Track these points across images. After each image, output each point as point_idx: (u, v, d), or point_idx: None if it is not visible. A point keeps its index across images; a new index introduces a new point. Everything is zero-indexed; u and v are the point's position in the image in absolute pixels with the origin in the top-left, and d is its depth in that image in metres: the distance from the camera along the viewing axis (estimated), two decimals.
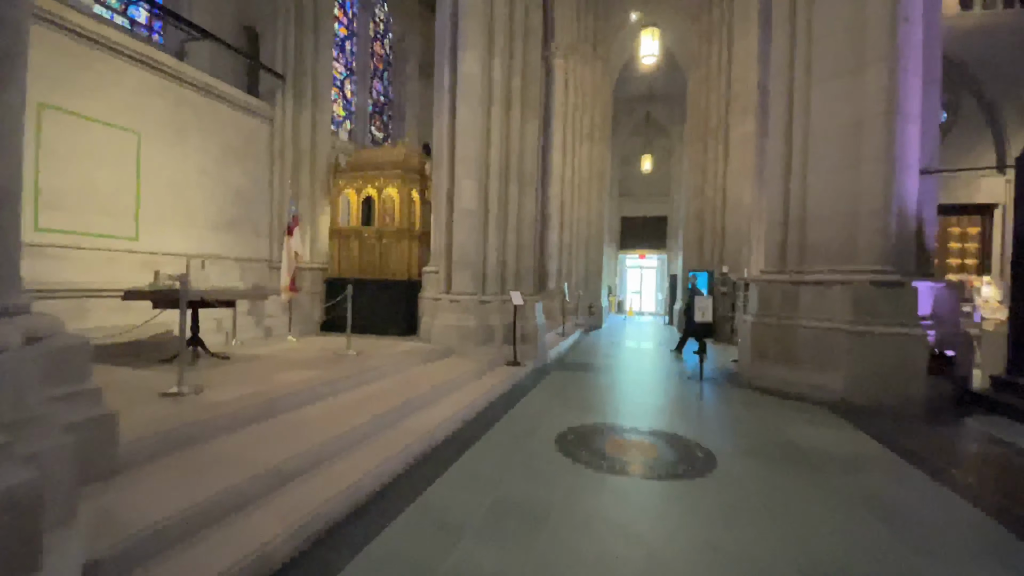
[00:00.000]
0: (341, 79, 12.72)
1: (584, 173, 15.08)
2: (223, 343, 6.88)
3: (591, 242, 15.20)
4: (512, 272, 7.94)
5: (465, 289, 7.45)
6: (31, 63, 5.63)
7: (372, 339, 7.92)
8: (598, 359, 9.07)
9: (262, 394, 4.04)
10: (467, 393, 5.43)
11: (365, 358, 6.06)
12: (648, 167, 21.02)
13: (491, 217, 7.69)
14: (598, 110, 15.35)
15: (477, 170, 7.50)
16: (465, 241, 7.47)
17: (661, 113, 23.98)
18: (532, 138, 8.12)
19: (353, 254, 8.85)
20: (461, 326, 7.29)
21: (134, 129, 6.66)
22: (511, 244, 7.92)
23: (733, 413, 5.43)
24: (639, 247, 24.04)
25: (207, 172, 7.75)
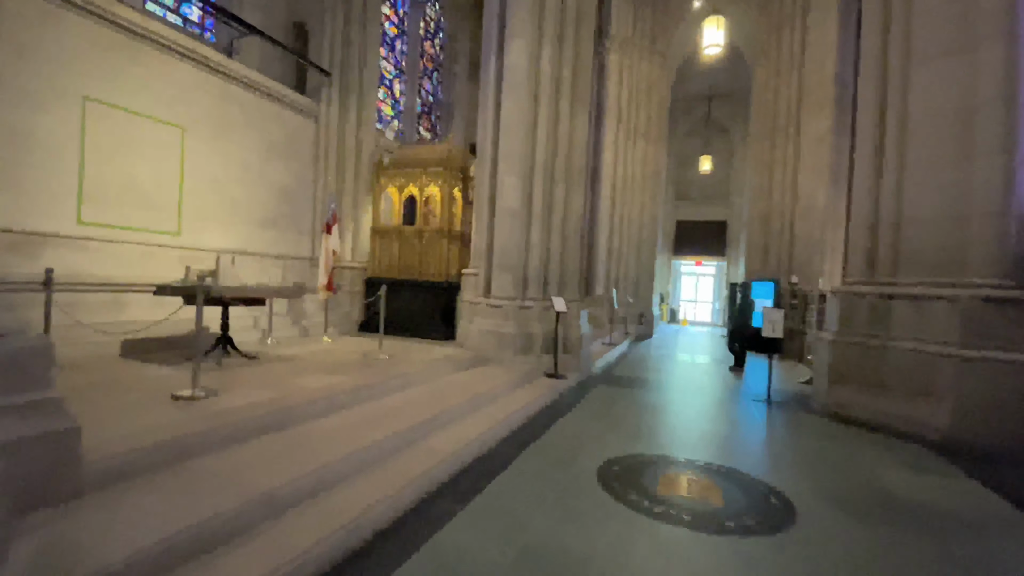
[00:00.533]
0: (390, 78, 12.63)
1: (637, 173, 14.29)
2: (257, 342, 6.74)
3: (643, 246, 14.38)
4: (556, 276, 7.39)
5: (505, 293, 6.97)
6: (76, 56, 5.70)
7: (408, 342, 7.60)
8: (648, 373, 8.34)
9: (276, 402, 3.72)
10: (501, 407, 4.93)
11: (395, 363, 5.70)
12: (707, 169, 19.84)
13: (535, 217, 7.17)
14: (654, 107, 14.53)
15: (521, 167, 7.01)
16: (506, 242, 7.00)
17: (722, 112, 22.69)
18: (581, 133, 7.55)
19: (393, 254, 8.59)
20: (499, 332, 6.82)
21: (179, 124, 6.65)
22: (555, 246, 7.37)
23: (810, 447, 4.63)
24: (695, 253, 22.78)
25: (250, 168, 7.69)
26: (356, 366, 5.41)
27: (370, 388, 4.51)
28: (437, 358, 6.23)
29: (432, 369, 5.60)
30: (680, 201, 23.56)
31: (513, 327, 6.83)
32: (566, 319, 7.19)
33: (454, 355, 6.54)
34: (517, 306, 6.97)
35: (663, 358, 10.42)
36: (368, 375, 4.92)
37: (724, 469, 3.86)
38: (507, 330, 6.81)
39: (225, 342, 5.37)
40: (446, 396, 4.74)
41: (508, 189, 7.00)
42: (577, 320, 7.32)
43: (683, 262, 23.44)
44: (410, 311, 8.32)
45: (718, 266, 23.06)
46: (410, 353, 6.56)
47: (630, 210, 14.18)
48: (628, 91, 14.04)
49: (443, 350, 6.96)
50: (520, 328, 6.94)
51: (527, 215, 7.17)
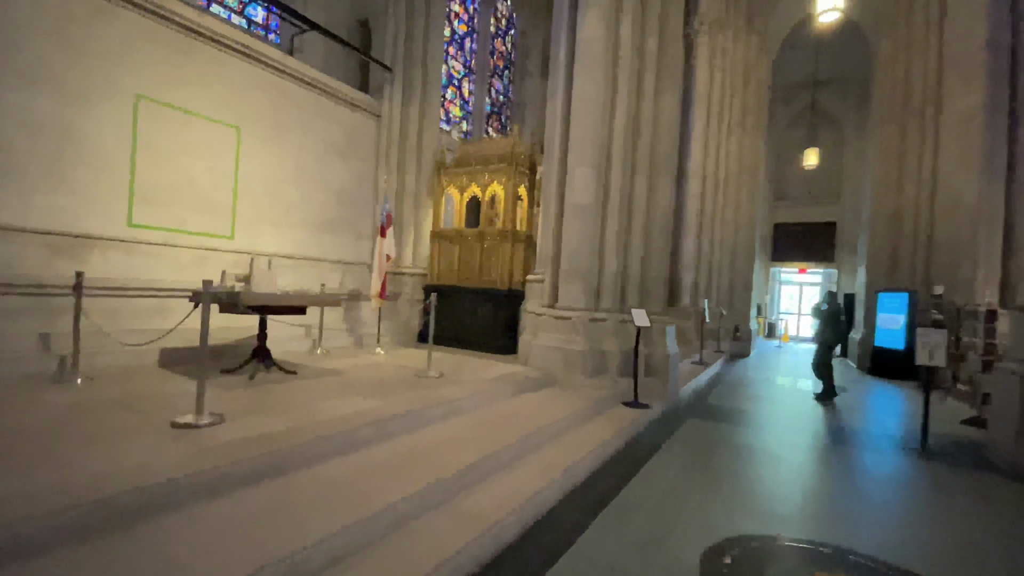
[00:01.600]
0: (459, 78, 12.13)
1: (732, 168, 12.62)
2: (306, 353, 6.27)
3: (739, 251, 12.63)
4: (635, 284, 6.25)
5: (574, 303, 5.95)
6: (129, 53, 5.53)
7: (464, 356, 6.80)
8: (749, 403, 6.89)
9: (284, 437, 3.01)
10: (564, 449, 3.92)
11: (444, 383, 4.89)
12: (812, 163, 17.40)
13: (610, 214, 6.10)
14: (751, 93, 12.81)
15: (595, 155, 5.98)
16: (575, 243, 5.99)
17: (829, 99, 20.02)
18: (669, 114, 6.37)
19: (453, 259, 7.89)
20: (566, 349, 5.80)
21: (233, 123, 6.39)
22: (635, 249, 6.24)
23: (1010, 531, 3.14)
24: (798, 259, 20.16)
25: (306, 170, 7.34)
26: (399, 386, 4.66)
27: (406, 417, 3.70)
28: (493, 378, 5.34)
29: (485, 392, 4.71)
30: (779, 201, 21.05)
31: (583, 343, 5.78)
32: (648, 336, 6.02)
33: (513, 374, 5.62)
34: (588, 318, 5.92)
35: (764, 383, 8.79)
36: (409, 399, 4.13)
37: (896, 569, 2.56)
38: (576, 347, 5.77)
39: (262, 354, 4.86)
40: (497, 430, 3.82)
41: (579, 181, 6.00)
42: (662, 338, 6.11)
43: (783, 269, 20.85)
44: (470, 321, 7.55)
45: (825, 273, 20.24)
46: (464, 370, 5.74)
47: (723, 210, 12.53)
48: (721, 76, 12.45)
49: (502, 367, 6.07)
50: (592, 345, 5.88)
51: (601, 211, 6.11)
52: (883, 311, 10.85)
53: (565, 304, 6.01)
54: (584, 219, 6.00)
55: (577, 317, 5.88)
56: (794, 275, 20.80)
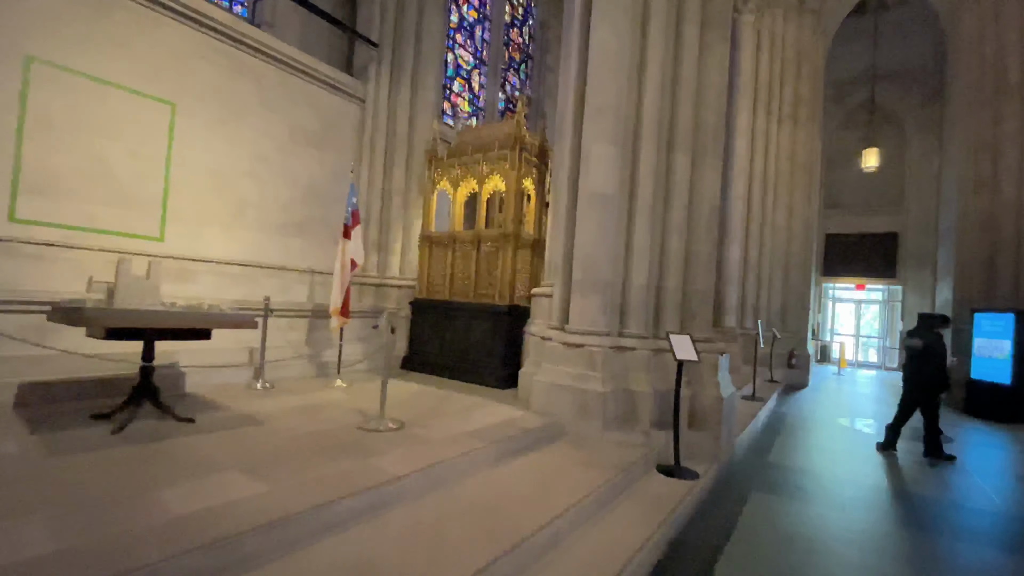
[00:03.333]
0: (468, 69, 10.86)
1: (783, 166, 10.85)
2: (243, 386, 4.89)
3: (792, 263, 10.78)
4: (674, 301, 4.65)
5: (590, 325, 4.39)
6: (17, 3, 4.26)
7: (451, 391, 5.30)
8: (830, 462, 5.12)
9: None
10: (569, 564, 2.35)
11: (400, 441, 3.40)
12: (872, 165, 15.34)
13: (640, 206, 4.56)
14: (805, 81, 11.07)
15: (618, 128, 4.47)
16: (593, 246, 4.45)
17: (888, 96, 17.89)
18: (717, 76, 4.81)
19: (445, 267, 6.45)
20: (580, 389, 4.23)
21: (168, 99, 5.17)
22: (674, 253, 4.65)
23: None
24: (854, 274, 17.89)
25: (269, 160, 6.09)
26: (326, 447, 3.20)
27: (290, 524, 2.21)
28: (475, 430, 3.81)
29: (459, 456, 3.18)
30: (831, 210, 18.87)
31: (603, 382, 4.19)
32: (695, 372, 4.40)
33: (507, 423, 4.08)
34: (609, 346, 4.35)
35: (836, 427, 6.92)
36: (323, 476, 2.66)
37: None
38: (592, 385, 4.19)
39: (146, 394, 3.49)
40: (450, 547, 2.29)
41: (597, 163, 4.48)
42: (714, 374, 4.46)
43: (837, 285, 18.59)
44: (462, 345, 6.07)
45: (887, 290, 17.90)
46: (439, 416, 4.23)
47: (773, 214, 10.73)
48: (769, 62, 10.78)
49: (494, 410, 4.54)
50: (615, 383, 4.29)
51: (627, 203, 4.57)
52: (981, 335, 8.82)
53: (578, 326, 4.45)
54: (604, 213, 4.46)
55: (595, 344, 4.31)
56: (850, 291, 18.51)
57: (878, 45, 17.54)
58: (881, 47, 17.65)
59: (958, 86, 10.70)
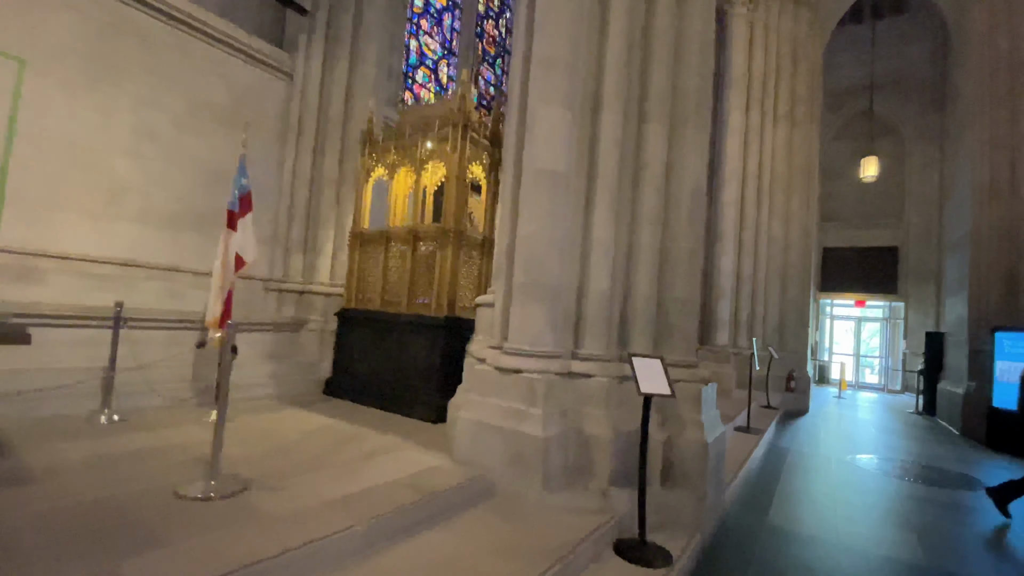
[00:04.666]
0: (435, 58, 9.89)
1: (779, 169, 9.89)
2: (85, 417, 3.73)
3: (790, 274, 9.76)
4: (645, 312, 3.56)
5: (534, 344, 3.28)
6: None
7: (367, 428, 4.16)
8: (857, 520, 4.00)
9: None
10: None
11: (225, 517, 2.25)
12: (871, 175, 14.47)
13: (601, 189, 3.50)
14: (801, 78, 10.18)
15: (573, 87, 3.43)
16: (539, 239, 3.36)
17: (886, 106, 17.14)
18: (701, 28, 3.78)
19: (377, 271, 5.33)
20: (514, 431, 3.10)
21: (13, 54, 4.09)
22: (646, 250, 3.58)
23: None
24: (853, 290, 16.93)
25: (158, 137, 5.00)
26: (75, 538, 2.04)
27: None
28: (358, 492, 2.68)
29: (287, 560, 2.03)
30: (828, 222, 17.98)
31: (543, 421, 3.06)
32: (672, 409, 3.30)
33: (411, 479, 2.95)
34: (556, 372, 3.24)
35: (850, 467, 5.80)
36: None
37: None
38: (529, 427, 3.06)
39: None
40: None
41: (545, 131, 3.42)
42: (696, 411, 3.35)
43: (835, 301, 17.61)
44: (394, 366, 4.93)
45: (888, 307, 16.94)
46: (319, 467, 3.09)
47: (768, 221, 9.74)
48: (763, 58, 9.90)
49: (404, 458, 3.40)
50: (562, 423, 3.18)
51: (584, 185, 3.51)
52: (1003, 357, 7.77)
53: (518, 345, 3.33)
54: (554, 197, 3.39)
55: (535, 370, 3.19)
56: (849, 308, 17.53)
57: (875, 53, 16.90)
58: (878, 55, 17.02)
59: (968, 84, 9.84)
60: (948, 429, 8.98)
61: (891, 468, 5.74)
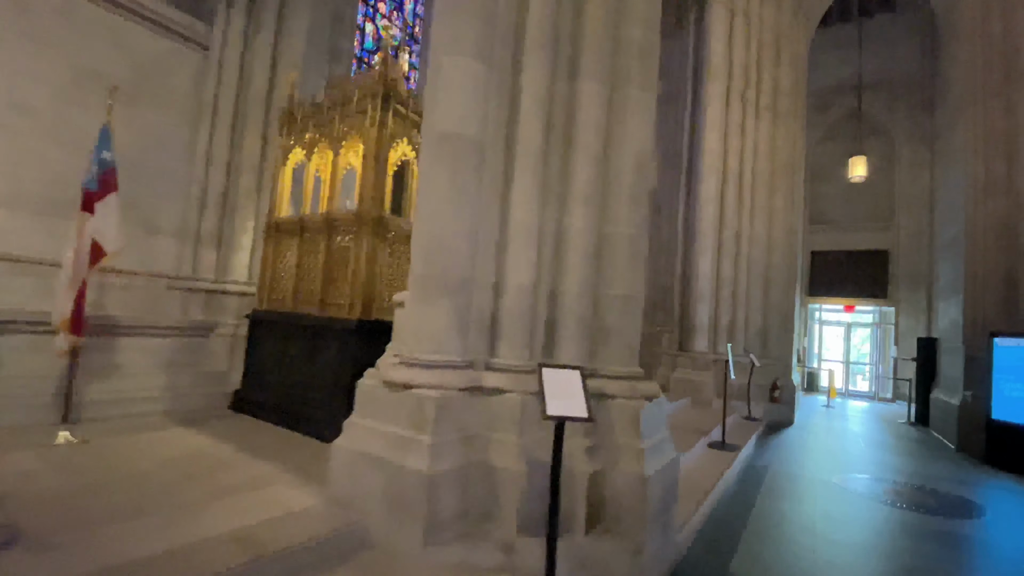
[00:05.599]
0: (394, 45, 9.21)
1: (762, 165, 9.30)
2: None
3: (773, 277, 9.13)
4: (577, 311, 2.87)
5: (435, 351, 2.60)
6: None
7: (248, 454, 3.44)
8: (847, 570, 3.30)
9: None
10: None
11: None
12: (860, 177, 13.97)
13: (523, 159, 2.83)
14: (785, 69, 9.63)
15: (486, 33, 2.77)
16: (442, 220, 2.69)
17: (875, 106, 16.68)
18: None
19: (290, 266, 4.63)
20: (395, 466, 2.39)
21: None
22: (579, 236, 2.90)
23: None
24: (842, 294, 16.37)
25: (33, 111, 4.30)
26: None
27: None
28: (180, 547, 1.96)
29: None
30: (816, 225, 17.47)
31: (430, 451, 2.35)
32: (606, 433, 2.61)
33: (261, 532, 2.23)
34: (460, 387, 2.55)
35: (840, 490, 5.13)
36: None
37: None
38: (413, 460, 2.35)
39: None
40: None
41: (450, 86, 2.74)
42: (634, 435, 2.65)
43: (824, 305, 17.05)
44: (302, 377, 4.22)
45: (878, 312, 16.40)
46: (148, 516, 2.36)
47: (750, 220, 9.13)
48: (744, 48, 9.34)
49: (268, 498, 2.69)
50: (459, 453, 2.48)
51: (501, 154, 2.84)
52: (1003, 366, 7.17)
53: (415, 353, 2.63)
54: (461, 167, 2.71)
55: (429, 386, 2.49)
56: (838, 313, 16.97)
57: (864, 53, 16.48)
58: (867, 55, 16.60)
59: (959, 75, 9.32)
60: (942, 442, 8.35)
61: (881, 491, 5.07)
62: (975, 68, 8.43)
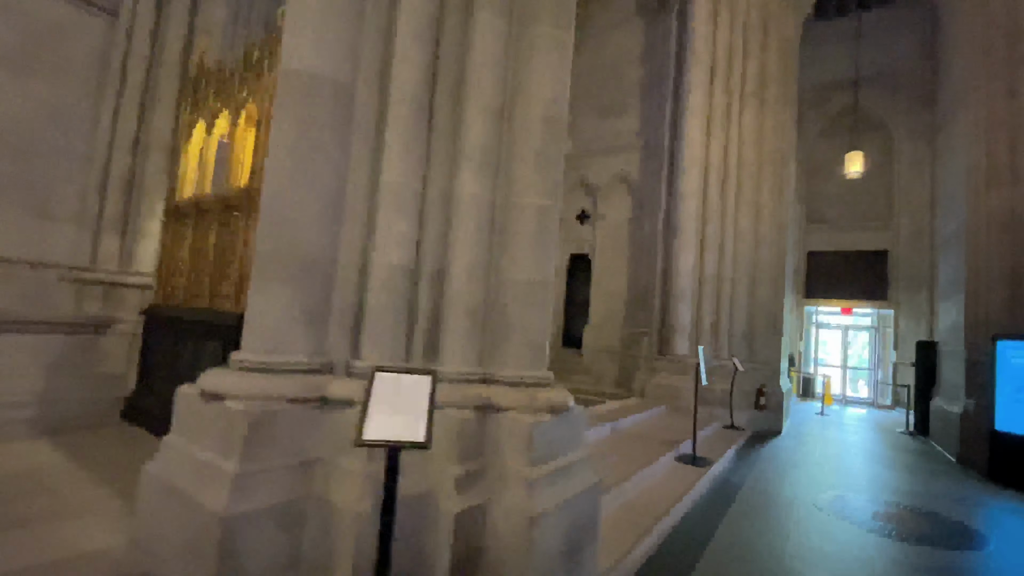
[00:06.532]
0: None
1: (748, 155, 8.68)
2: None
3: (760, 275, 8.50)
4: (468, 300, 2.27)
5: (275, 349, 2.02)
6: None
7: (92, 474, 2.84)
8: None
9: None
10: None
11: None
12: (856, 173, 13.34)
13: (398, 108, 2.24)
14: (773, 54, 9.02)
15: None
16: (290, 183, 2.10)
17: (873, 100, 16.07)
18: None
19: (185, 254, 4.05)
20: (196, 505, 1.78)
21: None
22: (470, 205, 2.30)
23: None
24: (840, 296, 15.70)
25: None
26: None
27: None
28: None
29: None
30: (813, 224, 16.84)
31: (232, 483, 1.75)
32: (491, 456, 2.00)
33: None
34: (293, 395, 1.95)
35: (821, 517, 4.50)
36: None
37: None
38: (212, 498, 1.74)
39: None
40: None
41: (304, 12, 2.15)
42: (523, 459, 2.04)
43: (821, 308, 16.38)
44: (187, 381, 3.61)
45: (876, 315, 15.74)
46: None
47: (735, 214, 8.51)
48: (729, 27, 8.76)
49: (62, 535, 2.09)
50: (287, 486, 1.87)
51: (374, 101, 2.25)
52: (1008, 371, 6.53)
53: (251, 354, 2.04)
54: (315, 115, 2.12)
55: (246, 394, 1.90)
56: (835, 316, 16.30)
57: (861, 47, 15.92)
58: (864, 49, 16.03)
59: (959, 59, 8.71)
60: (943, 454, 7.70)
61: (871, 516, 4.43)
62: (975, 50, 7.83)
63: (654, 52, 9.98)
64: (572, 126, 11.95)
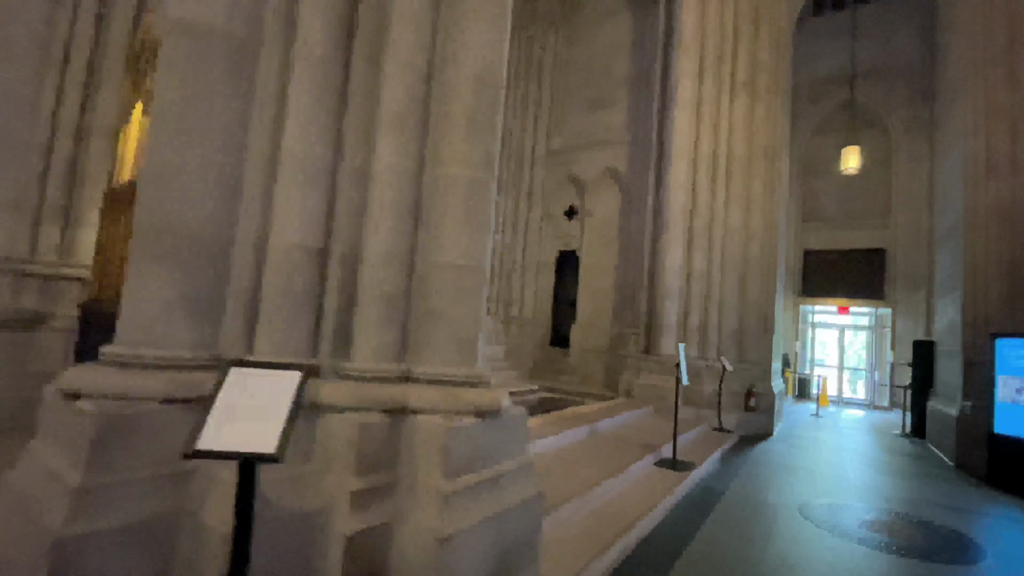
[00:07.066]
0: None
1: (739, 148, 8.38)
2: None
3: (751, 271, 8.19)
4: (385, 286, 1.99)
5: (151, 343, 1.73)
6: None
7: None
8: None
9: None
10: None
11: None
12: (852, 169, 13.04)
13: (303, 63, 1.95)
14: (765, 42, 8.72)
15: None
16: (171, 146, 1.81)
17: (869, 96, 15.79)
18: None
19: (121, 244, 3.77)
20: (33, 524, 1.50)
21: None
22: (388, 178, 2.01)
23: None
24: (836, 295, 15.38)
25: None
26: None
27: None
28: None
29: None
30: (809, 223, 16.52)
31: (70, 501, 1.46)
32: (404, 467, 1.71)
33: None
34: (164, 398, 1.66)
35: (806, 527, 4.20)
36: None
37: None
38: (49, 516, 1.46)
39: None
40: None
41: None
42: (437, 472, 1.74)
43: (817, 307, 16.05)
44: None
45: (874, 314, 15.43)
46: None
47: (726, 209, 8.21)
48: (719, 16, 8.48)
49: None
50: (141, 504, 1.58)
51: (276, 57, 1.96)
52: (1007, 371, 6.23)
53: (124, 346, 1.76)
54: (200, 72, 1.85)
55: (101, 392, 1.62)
56: (832, 315, 15.98)
57: (858, 42, 15.66)
58: (861, 43, 15.78)
59: (958, 45, 8.40)
60: (939, 458, 7.39)
61: (860, 525, 4.13)
62: (974, 35, 7.53)
63: (643, 43, 9.72)
64: (561, 121, 11.71)
